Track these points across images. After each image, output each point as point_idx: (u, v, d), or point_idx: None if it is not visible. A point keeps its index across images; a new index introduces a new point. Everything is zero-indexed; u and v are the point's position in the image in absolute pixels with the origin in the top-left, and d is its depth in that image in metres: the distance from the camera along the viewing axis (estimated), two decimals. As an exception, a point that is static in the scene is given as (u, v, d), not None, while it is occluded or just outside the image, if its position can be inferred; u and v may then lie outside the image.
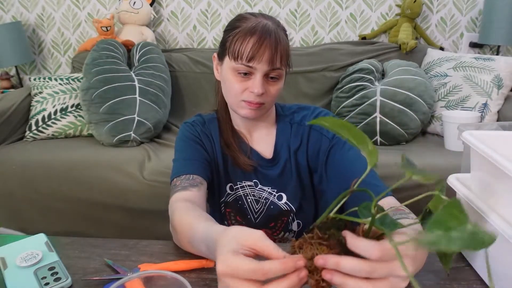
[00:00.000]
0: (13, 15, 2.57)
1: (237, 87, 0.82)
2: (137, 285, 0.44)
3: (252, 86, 0.81)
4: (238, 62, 0.80)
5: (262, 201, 0.93)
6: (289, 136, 0.92)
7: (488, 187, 0.61)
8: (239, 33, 0.80)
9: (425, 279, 0.63)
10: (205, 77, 2.27)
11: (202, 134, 0.92)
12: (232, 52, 0.81)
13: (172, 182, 0.83)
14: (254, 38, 0.79)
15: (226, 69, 0.83)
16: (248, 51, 0.78)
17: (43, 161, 1.75)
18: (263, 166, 0.92)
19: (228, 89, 0.84)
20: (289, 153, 0.91)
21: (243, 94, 0.82)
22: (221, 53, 0.86)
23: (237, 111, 0.86)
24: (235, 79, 0.82)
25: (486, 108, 1.93)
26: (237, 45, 0.80)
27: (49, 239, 0.73)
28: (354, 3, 2.43)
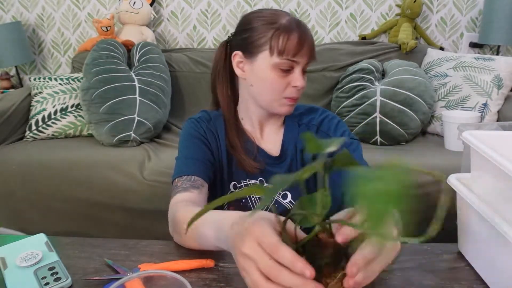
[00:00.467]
0: (13, 15, 2.57)
1: (280, 84, 0.83)
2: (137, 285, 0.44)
3: (295, 80, 0.82)
4: (283, 58, 0.81)
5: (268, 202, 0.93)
6: (296, 136, 0.92)
7: (488, 187, 0.61)
8: (281, 29, 0.81)
9: (425, 279, 0.63)
10: (205, 77, 2.27)
11: (207, 131, 0.92)
12: (276, 48, 0.81)
13: (174, 182, 0.83)
14: (296, 33, 0.81)
15: (264, 66, 0.83)
16: (295, 46, 0.80)
17: (43, 161, 1.75)
18: (270, 164, 0.92)
19: (267, 87, 0.84)
20: (295, 152, 0.92)
21: (286, 90, 0.83)
22: (250, 51, 0.85)
23: (276, 109, 0.86)
24: (277, 76, 0.82)
25: (486, 108, 1.93)
26: (283, 41, 0.80)
27: (49, 239, 0.73)
28: (354, 3, 2.43)
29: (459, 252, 0.70)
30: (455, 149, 1.78)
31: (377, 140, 1.94)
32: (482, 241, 0.62)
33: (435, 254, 0.70)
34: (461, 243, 0.71)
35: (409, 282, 0.62)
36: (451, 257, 0.69)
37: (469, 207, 0.62)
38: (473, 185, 0.65)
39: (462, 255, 0.69)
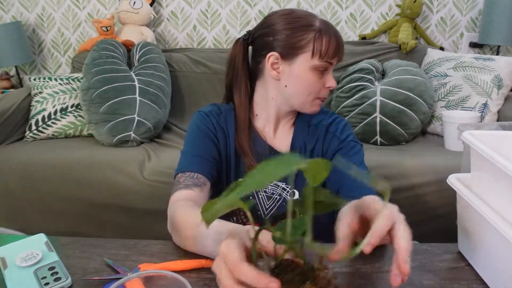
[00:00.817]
0: (13, 15, 2.57)
1: (316, 85, 0.86)
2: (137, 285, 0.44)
3: (329, 81, 0.87)
4: (323, 60, 0.84)
5: (275, 197, 0.93)
6: (306, 136, 0.94)
7: (488, 187, 0.61)
8: (321, 32, 0.84)
9: (425, 279, 0.63)
10: (205, 77, 2.27)
11: (216, 127, 0.91)
12: (319, 50, 0.84)
13: (176, 177, 0.83)
14: (334, 36, 0.85)
15: (303, 68, 0.85)
16: (334, 49, 0.84)
17: (43, 161, 1.75)
18: None
19: (304, 88, 0.87)
20: (304, 151, 0.93)
21: (321, 91, 0.87)
22: (288, 53, 0.86)
23: (307, 109, 0.90)
24: (316, 77, 0.86)
25: (486, 108, 1.93)
26: (325, 43, 0.83)
27: (49, 239, 0.73)
28: (354, 3, 2.43)
29: (459, 252, 0.70)
30: (455, 149, 1.78)
31: (377, 140, 1.94)
32: (482, 241, 0.62)
33: (435, 254, 0.70)
34: (461, 243, 0.71)
35: (409, 282, 0.62)
36: (451, 257, 0.69)
37: (469, 207, 0.62)
38: (473, 185, 0.65)
39: (462, 255, 0.69)
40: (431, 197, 1.55)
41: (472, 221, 0.65)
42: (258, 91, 0.94)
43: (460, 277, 0.63)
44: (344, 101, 2.05)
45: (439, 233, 1.55)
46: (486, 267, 0.62)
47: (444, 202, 1.54)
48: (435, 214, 1.57)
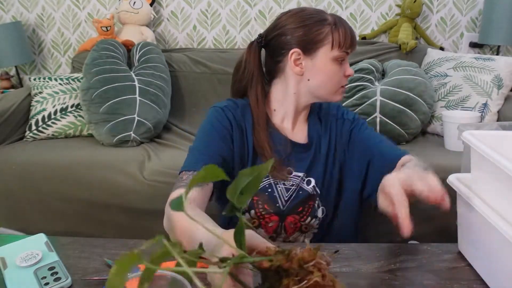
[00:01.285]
0: (13, 15, 2.57)
1: (338, 75, 0.91)
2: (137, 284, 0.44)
3: (348, 70, 0.93)
4: (342, 50, 0.89)
5: (293, 188, 0.94)
6: (319, 128, 0.99)
7: (488, 187, 0.61)
8: (335, 25, 0.90)
9: (425, 278, 0.63)
10: (205, 77, 2.27)
11: (233, 122, 0.92)
12: (338, 42, 0.89)
13: (180, 174, 0.83)
14: (347, 27, 0.91)
15: (325, 60, 0.90)
16: (351, 38, 0.90)
17: (43, 161, 1.75)
18: (300, 151, 0.95)
19: (328, 79, 0.91)
20: (319, 140, 0.97)
21: (342, 80, 0.93)
22: (309, 48, 0.90)
23: (333, 98, 0.95)
24: (337, 67, 0.91)
25: (486, 108, 1.93)
26: (341, 34, 0.89)
27: (49, 239, 0.73)
28: (354, 3, 2.43)
29: (459, 252, 0.70)
30: (455, 149, 1.78)
31: (377, 140, 1.94)
32: (482, 241, 0.62)
33: (435, 254, 0.70)
34: (461, 243, 0.71)
35: (409, 282, 0.62)
36: (451, 257, 0.69)
37: (469, 207, 0.62)
38: (473, 185, 0.65)
39: (462, 255, 0.69)
40: (431, 197, 1.55)
41: (472, 221, 0.65)
42: (277, 88, 0.97)
43: (460, 277, 0.63)
44: (344, 101, 2.05)
45: (439, 233, 1.55)
46: (486, 267, 0.62)
47: (444, 202, 1.54)
48: (435, 214, 1.56)
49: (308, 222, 0.95)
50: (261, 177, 0.42)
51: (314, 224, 0.96)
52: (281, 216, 0.93)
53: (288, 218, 0.94)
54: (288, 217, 0.94)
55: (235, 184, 0.42)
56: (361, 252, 0.70)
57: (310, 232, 0.97)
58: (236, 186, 0.42)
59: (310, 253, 0.39)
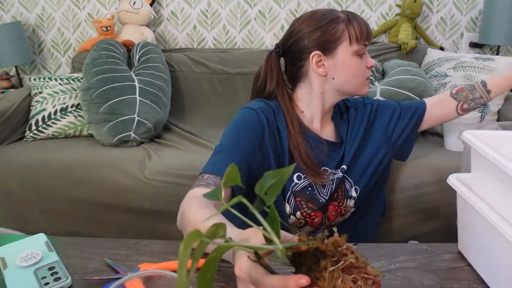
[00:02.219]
0: (13, 15, 2.57)
1: (362, 68, 0.93)
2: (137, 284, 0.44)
3: (369, 61, 0.94)
4: (360, 43, 0.91)
5: (329, 185, 0.97)
6: (344, 124, 1.03)
7: (488, 187, 0.61)
8: (349, 20, 0.91)
9: (425, 278, 0.63)
10: (205, 77, 2.27)
11: (266, 125, 0.90)
12: (355, 36, 0.91)
13: (201, 175, 0.81)
14: (360, 20, 0.92)
15: (346, 56, 0.92)
16: (365, 31, 0.91)
17: (43, 161, 1.75)
18: (332, 149, 0.98)
19: (353, 73, 0.93)
20: (346, 136, 1.01)
21: (367, 72, 0.95)
22: (328, 48, 0.92)
23: (361, 91, 0.96)
24: (358, 61, 0.92)
25: (486, 108, 1.93)
26: (356, 28, 0.91)
27: (49, 239, 0.73)
28: (354, 3, 2.43)
29: (459, 252, 0.70)
30: (455, 149, 1.78)
31: (377, 140, 1.94)
32: (482, 241, 0.62)
33: (435, 254, 0.70)
34: (461, 243, 0.71)
35: (409, 282, 0.62)
36: (451, 257, 0.69)
37: (469, 207, 0.62)
38: (473, 185, 0.65)
39: (462, 255, 0.69)
40: (431, 197, 1.55)
41: (472, 221, 0.65)
42: (303, 91, 0.98)
43: (460, 277, 0.63)
44: (344, 101, 2.05)
45: (439, 233, 1.55)
46: (486, 267, 0.62)
47: (444, 202, 1.54)
48: (435, 214, 1.57)
49: (345, 204, 0.99)
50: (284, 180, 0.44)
51: (351, 204, 1.00)
52: (324, 209, 0.97)
53: (329, 207, 0.98)
54: (329, 207, 0.98)
55: (261, 182, 0.44)
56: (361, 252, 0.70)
57: (349, 212, 1.01)
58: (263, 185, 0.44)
59: (341, 238, 0.41)
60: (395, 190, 1.56)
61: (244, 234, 0.49)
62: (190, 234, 0.34)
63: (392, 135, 1.05)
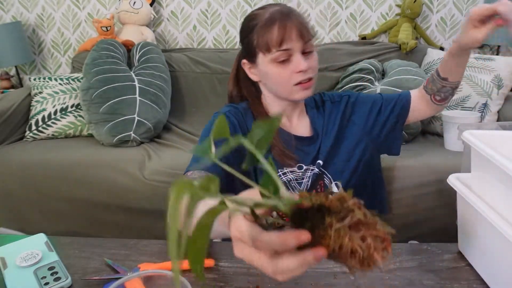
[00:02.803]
0: (13, 15, 2.57)
1: (284, 76, 0.87)
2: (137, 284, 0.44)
3: (296, 65, 0.85)
4: (273, 52, 0.85)
5: (305, 181, 0.95)
6: (321, 117, 1.00)
7: (488, 187, 0.61)
8: (260, 27, 0.85)
9: (425, 278, 0.63)
10: (205, 77, 2.27)
11: (237, 126, 0.92)
12: (263, 46, 0.85)
13: (185, 174, 0.84)
14: (276, 24, 0.84)
15: (265, 65, 0.88)
16: (276, 36, 0.83)
17: (43, 161, 1.75)
18: (306, 144, 0.96)
19: (275, 81, 0.89)
20: (323, 130, 0.98)
21: (292, 78, 0.87)
22: (250, 56, 0.90)
23: (292, 97, 0.90)
24: (279, 69, 0.87)
25: (486, 108, 1.93)
26: (264, 37, 0.85)
27: (49, 239, 0.73)
28: (354, 3, 2.43)
29: (459, 252, 0.70)
30: (455, 149, 1.78)
31: (377, 140, 1.94)
32: (482, 241, 0.62)
33: (435, 254, 0.70)
34: (461, 243, 0.71)
35: (409, 282, 0.62)
36: (451, 257, 0.69)
37: (469, 207, 0.62)
38: (473, 185, 0.65)
39: (462, 255, 0.69)
40: (431, 197, 1.55)
41: (472, 221, 0.65)
42: (263, 91, 0.98)
43: (460, 277, 0.63)
44: (344, 101, 2.05)
45: (439, 233, 1.55)
46: (486, 267, 0.62)
47: (444, 202, 1.54)
48: (435, 214, 1.57)
49: None
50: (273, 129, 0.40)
51: None
52: None
53: None
54: None
55: (251, 136, 0.41)
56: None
57: None
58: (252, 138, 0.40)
59: (347, 194, 0.38)
60: (395, 190, 1.56)
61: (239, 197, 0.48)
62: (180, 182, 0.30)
63: (373, 128, 1.01)
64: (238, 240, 0.40)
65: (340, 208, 0.36)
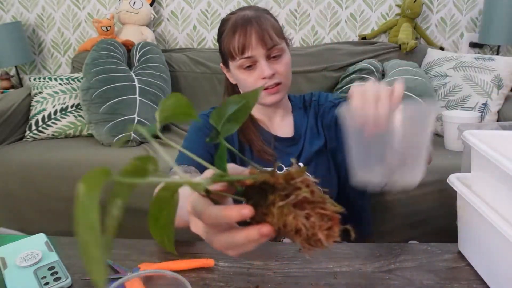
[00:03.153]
0: (13, 15, 2.57)
1: (251, 81, 0.87)
2: (137, 284, 0.44)
3: (260, 72, 0.85)
4: (237, 59, 0.86)
5: None
6: (306, 118, 0.98)
7: (488, 187, 0.61)
8: (226, 34, 0.87)
9: (425, 278, 0.63)
10: (205, 77, 2.27)
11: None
12: (228, 53, 0.87)
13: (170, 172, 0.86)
14: (238, 31, 0.84)
15: (234, 71, 0.89)
16: (237, 44, 0.84)
17: (43, 161, 1.75)
18: (286, 145, 0.95)
19: (244, 87, 0.90)
20: (306, 132, 0.96)
21: (258, 84, 0.87)
22: (224, 61, 0.92)
23: (261, 102, 0.90)
24: (245, 75, 0.87)
25: (486, 108, 1.93)
26: (228, 45, 0.86)
27: (49, 239, 0.73)
28: (354, 3, 2.43)
29: (459, 252, 0.70)
30: (455, 149, 1.78)
31: (377, 140, 1.94)
32: (482, 241, 0.62)
33: (435, 254, 0.70)
34: (461, 243, 0.71)
35: (409, 282, 0.62)
36: (451, 257, 0.69)
37: (469, 207, 0.62)
38: (473, 185, 0.65)
39: (462, 255, 0.69)
40: (431, 197, 1.55)
41: (472, 221, 0.65)
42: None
43: (460, 277, 0.63)
44: (344, 101, 2.05)
45: (439, 233, 1.55)
46: (486, 267, 0.62)
47: (444, 202, 1.54)
48: (435, 214, 1.57)
49: None
50: (250, 105, 0.39)
51: None
52: None
53: None
54: None
55: (219, 110, 0.39)
56: (361, 252, 0.70)
57: None
58: (221, 113, 0.39)
59: (297, 171, 0.36)
60: (395, 190, 1.56)
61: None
62: (94, 171, 0.27)
63: None
64: (191, 215, 0.41)
65: (286, 186, 0.35)
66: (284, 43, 0.90)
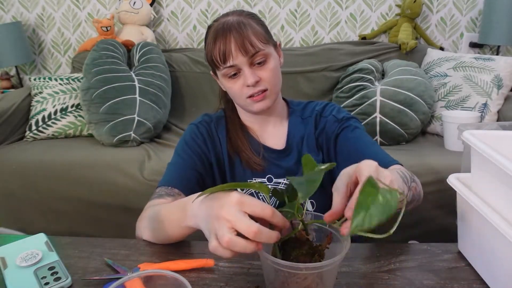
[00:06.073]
0: (13, 15, 2.57)
1: (236, 89, 0.85)
2: (137, 284, 0.44)
3: (245, 79, 0.83)
4: (221, 69, 0.84)
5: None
6: (302, 129, 0.94)
7: (488, 187, 0.61)
8: (208, 43, 0.86)
9: (425, 278, 0.63)
10: (205, 77, 2.27)
11: (207, 136, 0.93)
12: (211, 63, 0.86)
13: (157, 188, 0.88)
14: (218, 40, 0.82)
15: (221, 79, 0.88)
16: (218, 54, 0.82)
17: (43, 161, 1.75)
18: (276, 158, 0.93)
19: (232, 95, 0.89)
20: (301, 143, 0.93)
21: (243, 92, 0.85)
22: (212, 70, 0.91)
23: (249, 110, 0.88)
24: (231, 83, 0.86)
25: (486, 108, 1.93)
26: (211, 54, 0.84)
27: (49, 239, 0.73)
28: (354, 3, 2.43)
29: (459, 252, 0.70)
30: (455, 149, 1.78)
31: (377, 140, 1.94)
32: (482, 241, 0.62)
33: (435, 254, 0.70)
34: (461, 243, 0.71)
35: (409, 282, 0.62)
36: (451, 257, 0.69)
37: (469, 207, 0.62)
38: (473, 185, 0.65)
39: (462, 255, 0.69)
40: (431, 197, 1.55)
41: (472, 221, 0.65)
42: None
43: (460, 277, 0.63)
44: (344, 101, 2.05)
45: (439, 233, 1.55)
46: (486, 267, 0.62)
47: (444, 202, 1.54)
48: (435, 214, 1.57)
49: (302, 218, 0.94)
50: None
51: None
52: None
53: None
54: None
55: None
56: (361, 252, 0.70)
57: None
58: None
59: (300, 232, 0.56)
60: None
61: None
62: None
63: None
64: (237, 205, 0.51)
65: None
66: (271, 47, 0.86)
